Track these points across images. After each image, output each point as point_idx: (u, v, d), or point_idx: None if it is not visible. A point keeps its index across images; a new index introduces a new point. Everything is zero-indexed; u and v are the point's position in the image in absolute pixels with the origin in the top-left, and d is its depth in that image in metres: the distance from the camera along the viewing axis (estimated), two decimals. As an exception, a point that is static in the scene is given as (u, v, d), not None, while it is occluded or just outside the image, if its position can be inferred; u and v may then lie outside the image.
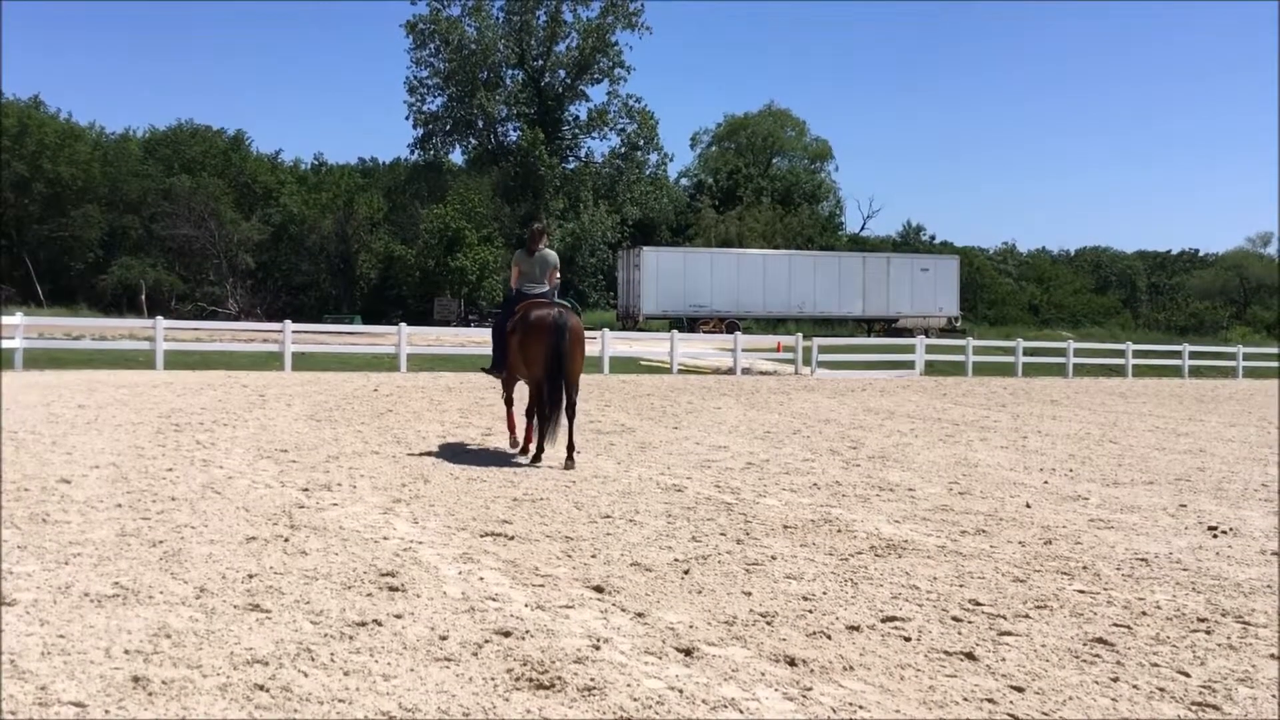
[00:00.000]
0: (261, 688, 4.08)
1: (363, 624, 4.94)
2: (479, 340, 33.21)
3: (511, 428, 12.01)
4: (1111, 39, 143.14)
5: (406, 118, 70.06)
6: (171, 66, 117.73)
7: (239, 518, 7.36)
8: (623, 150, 71.62)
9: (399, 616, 5.08)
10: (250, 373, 23.49)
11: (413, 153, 70.86)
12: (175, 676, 4.16)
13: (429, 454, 11.10)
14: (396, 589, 5.58)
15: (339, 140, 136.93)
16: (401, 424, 13.97)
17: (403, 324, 28.07)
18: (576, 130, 72.07)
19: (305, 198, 61.13)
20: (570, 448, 10.64)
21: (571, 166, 70.84)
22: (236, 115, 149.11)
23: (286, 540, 6.66)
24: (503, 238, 59.91)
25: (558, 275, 12.01)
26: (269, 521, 7.25)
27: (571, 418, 10.83)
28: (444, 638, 4.77)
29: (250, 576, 5.73)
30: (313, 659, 4.43)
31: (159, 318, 25.60)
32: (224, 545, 6.48)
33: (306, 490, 8.59)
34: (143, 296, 54.09)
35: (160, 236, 57.24)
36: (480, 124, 69.54)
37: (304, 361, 25.95)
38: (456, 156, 71.97)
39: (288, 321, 26.38)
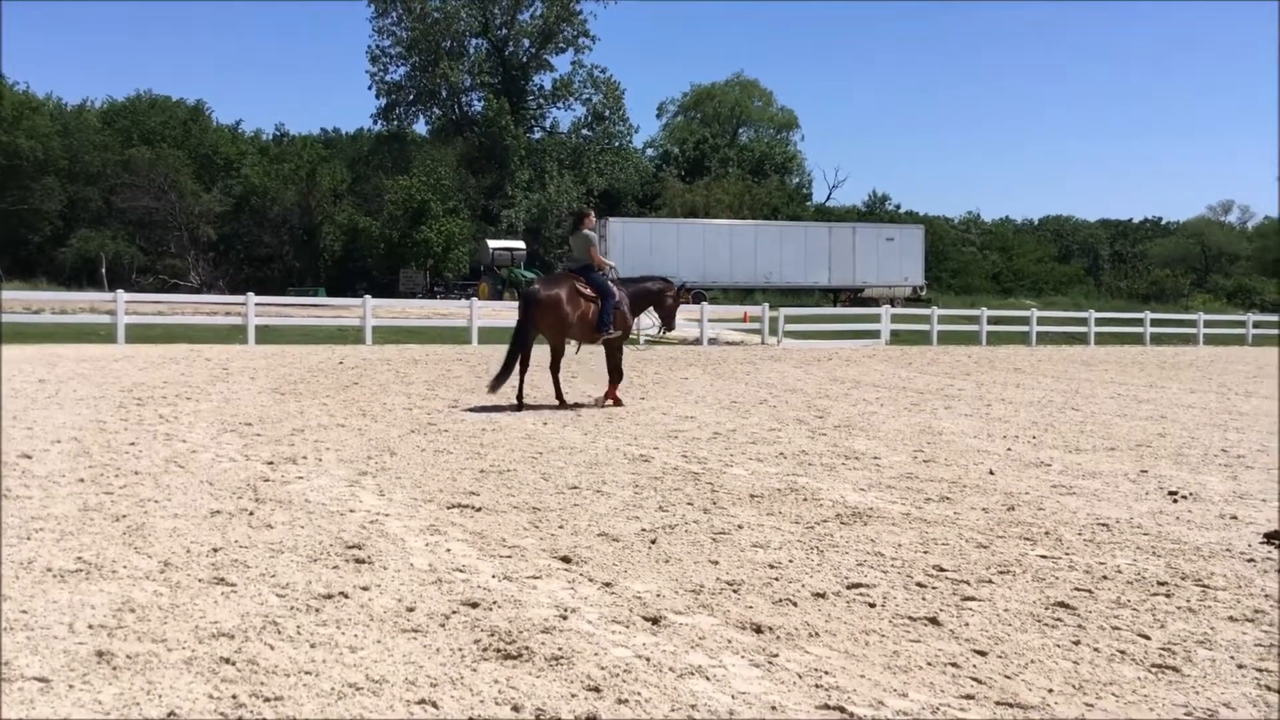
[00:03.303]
0: (227, 661, 4.06)
1: (329, 596, 4.93)
2: (445, 313, 33.13)
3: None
4: (1073, 11, 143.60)
5: (369, 87, 69.58)
6: (129, 36, 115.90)
7: (203, 491, 7.32)
8: (588, 120, 71.27)
9: (366, 589, 5.07)
10: (213, 346, 23.32)
11: (376, 123, 70.32)
12: (139, 651, 4.14)
13: (395, 426, 11.06)
14: (363, 561, 5.57)
15: (301, 110, 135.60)
16: (367, 397, 13.91)
17: (368, 296, 27.93)
18: (541, 100, 71.67)
19: (267, 169, 60.43)
20: (558, 397, 13.28)
21: (537, 137, 70.46)
22: (196, 85, 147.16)
23: (251, 514, 6.63)
24: (468, 209, 59.61)
25: (596, 251, 13.70)
26: (233, 495, 7.21)
27: (555, 370, 13.35)
28: (411, 609, 4.77)
29: (215, 550, 5.70)
30: (279, 632, 4.42)
31: (120, 291, 25.32)
32: (188, 519, 6.44)
33: (271, 464, 8.55)
34: (103, 269, 53.41)
35: (120, 209, 56.53)
36: (444, 94, 69.02)
37: (268, 335, 25.76)
38: (420, 127, 71.52)
39: (251, 294, 26.17)
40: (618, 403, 13.49)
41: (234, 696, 3.73)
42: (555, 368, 13.39)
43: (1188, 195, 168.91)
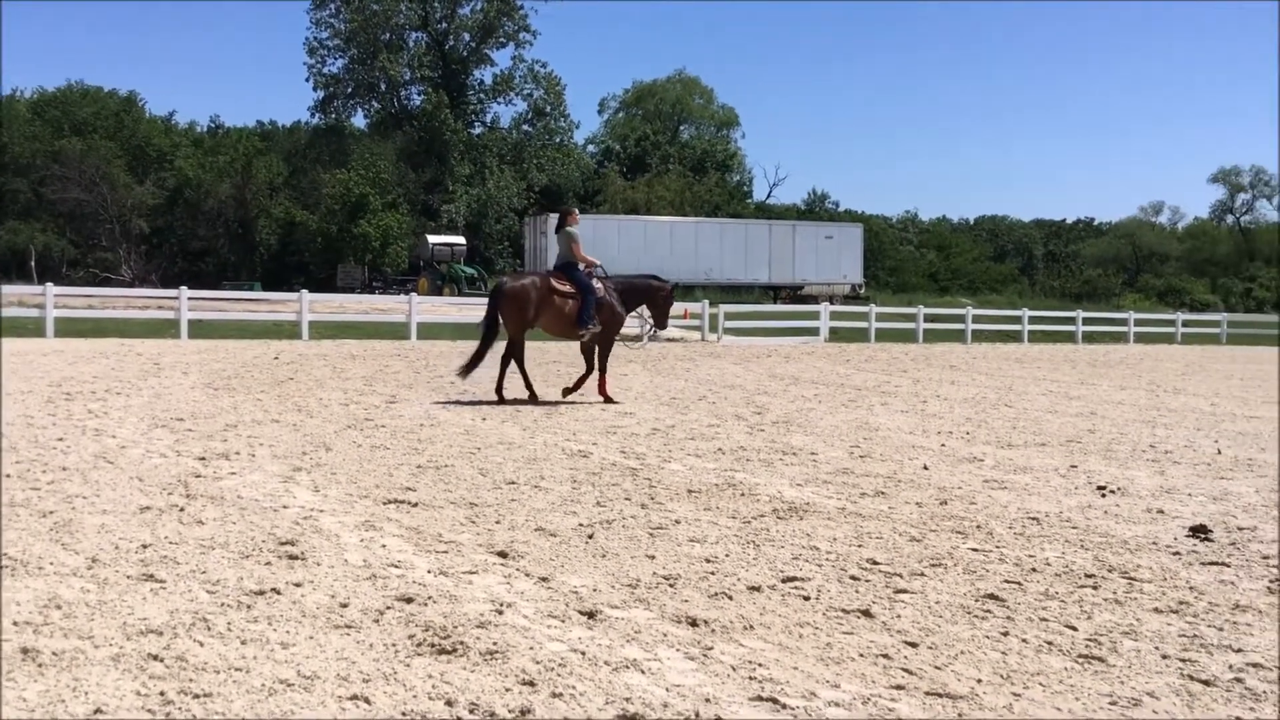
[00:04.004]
0: (155, 657, 4.00)
1: (261, 593, 4.87)
2: (383, 308, 32.88)
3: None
4: (1008, 14, 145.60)
5: (306, 80, 68.58)
6: (60, 25, 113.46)
7: (132, 487, 7.20)
8: (529, 116, 71.01)
9: (298, 585, 5.02)
10: (145, 341, 22.94)
11: (313, 116, 69.49)
12: (66, 648, 4.07)
13: (331, 422, 10.96)
14: (296, 557, 5.51)
15: (236, 102, 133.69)
16: (303, 392, 13.77)
17: (304, 291, 27.60)
18: (482, 95, 71.21)
19: (201, 161, 59.48)
20: (528, 390, 13.51)
21: (477, 132, 70.03)
22: (129, 76, 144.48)
23: (182, 510, 6.54)
24: (408, 204, 59.13)
25: (579, 249, 13.82)
26: (164, 491, 7.11)
27: (519, 363, 13.54)
28: (345, 605, 4.73)
29: (144, 547, 5.61)
30: (209, 628, 4.37)
31: (49, 284, 24.81)
32: (117, 515, 6.34)
33: (203, 459, 8.44)
34: (32, 262, 52.27)
35: (50, 200, 55.36)
36: (383, 87, 68.35)
37: (201, 329, 25.39)
38: (359, 120, 70.79)
39: (184, 288, 25.79)
40: (609, 399, 13.71)
41: (162, 693, 3.68)
42: (514, 360, 13.56)
43: (1120, 196, 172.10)
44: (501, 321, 13.48)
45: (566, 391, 13.95)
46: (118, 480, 7.43)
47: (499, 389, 13.38)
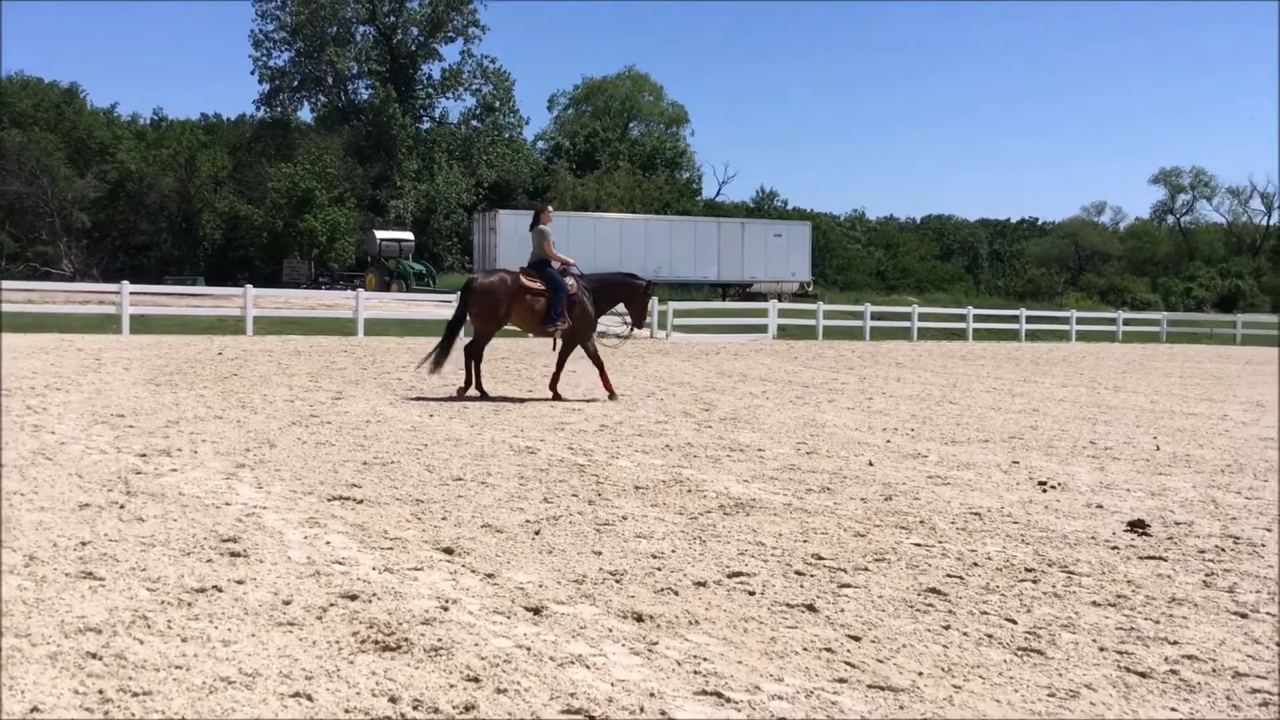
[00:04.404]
0: (94, 656, 3.95)
1: (202, 590, 4.82)
2: (330, 304, 32.56)
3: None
4: (954, 14, 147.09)
5: (252, 72, 67.72)
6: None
7: (71, 484, 7.08)
8: (478, 111, 70.67)
9: (240, 582, 4.97)
10: (85, 336, 22.56)
11: (259, 109, 68.61)
12: (2, 646, 4.00)
13: (275, 418, 10.85)
14: (238, 554, 5.46)
15: (180, 94, 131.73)
16: (247, 388, 13.61)
17: (249, 286, 27.27)
18: (430, 90, 70.73)
19: (144, 154, 58.46)
20: (478, 386, 13.48)
21: (426, 127, 69.59)
22: (70, 67, 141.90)
23: (122, 507, 6.45)
24: (355, 199, 58.59)
25: (550, 246, 13.82)
26: (104, 488, 7.00)
27: (476, 359, 13.53)
28: (287, 602, 4.69)
29: (83, 544, 5.53)
30: (149, 626, 4.31)
31: (-14, 278, 24.31)
32: (55, 512, 6.24)
33: (144, 456, 8.32)
34: (-31, 256, 51.25)
35: (-12, 193, 54.23)
36: (330, 81, 67.68)
37: (143, 324, 25.01)
38: (305, 114, 70.02)
39: (125, 283, 25.40)
40: (612, 394, 13.83)
41: (100, 691, 3.63)
42: (475, 352, 13.62)
43: (1063, 196, 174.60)
44: (470, 317, 13.56)
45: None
46: (56, 477, 7.31)
47: (477, 384, 13.49)
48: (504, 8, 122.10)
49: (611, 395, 13.80)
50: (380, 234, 50.44)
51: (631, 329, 15.16)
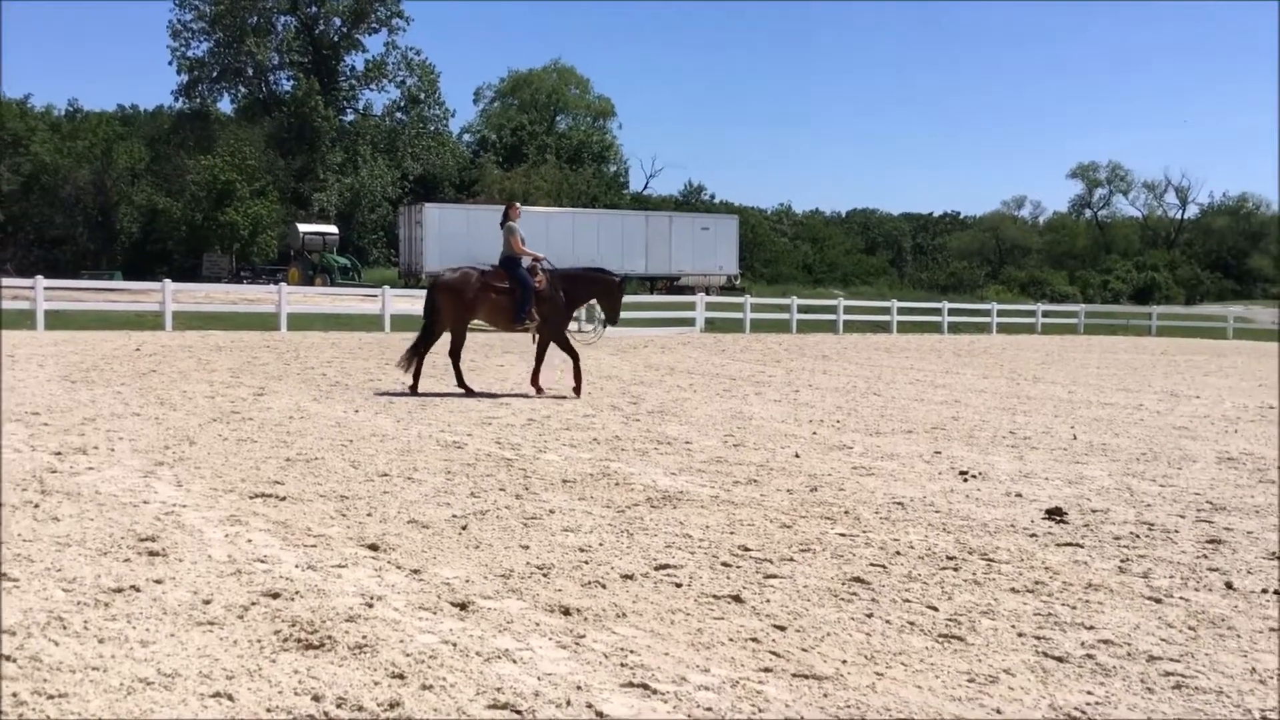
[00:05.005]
0: (8, 658, 3.85)
1: (119, 590, 4.72)
2: (252, 298, 32.06)
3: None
4: (879, 15, 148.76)
5: (170, 63, 66.43)
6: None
7: (-17, 484, 6.89)
8: (403, 103, 69.99)
9: (159, 581, 4.88)
10: (-2, 332, 21.95)
11: (177, 100, 67.35)
12: (-93, 653, 3.88)
13: (195, 415, 10.66)
14: (157, 554, 5.35)
15: (95, 85, 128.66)
16: (166, 384, 13.36)
17: (168, 280, 26.75)
18: (354, 82, 69.95)
19: (59, 146, 57.04)
20: (459, 383, 13.49)
21: (349, 119, 68.78)
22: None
23: (37, 506, 6.30)
24: (277, 192, 57.72)
25: (518, 242, 13.70)
26: (17, 487, 6.82)
27: (454, 356, 13.59)
28: (207, 601, 4.62)
29: (-6, 545, 5.38)
30: (64, 627, 4.22)
31: (-109, 273, 23.55)
32: (-35, 514, 6.06)
33: (59, 454, 8.12)
34: (-126, 251, 49.62)
35: (-106, 186, 52.56)
36: (250, 72, 66.64)
37: (58, 320, 24.42)
38: (225, 105, 68.86)
39: (39, 277, 24.76)
40: (578, 391, 13.65)
41: (14, 694, 3.55)
42: (453, 353, 13.65)
43: (984, 191, 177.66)
44: (438, 314, 13.57)
45: (534, 384, 13.84)
46: (-34, 477, 7.11)
47: (459, 381, 13.50)
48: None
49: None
50: (303, 227, 49.78)
51: (605, 324, 14.99)
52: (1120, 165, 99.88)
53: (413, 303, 32.86)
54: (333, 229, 51.08)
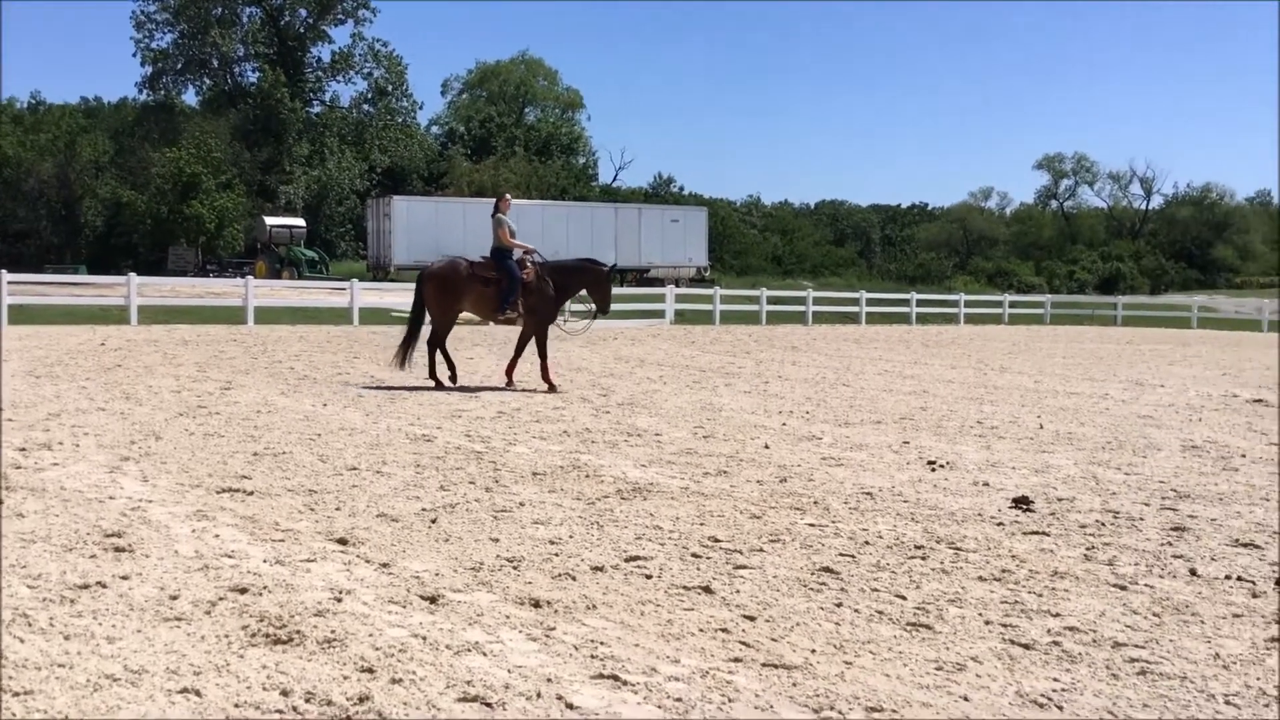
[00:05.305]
0: (-30, 658, 3.81)
1: (85, 587, 4.68)
2: (218, 292, 31.82)
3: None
4: (847, 8, 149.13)
5: (134, 55, 65.71)
6: None
7: (-55, 481, 6.81)
8: (370, 95, 69.55)
9: (125, 578, 4.84)
10: (-40, 327, 21.68)
11: (141, 92, 66.62)
12: None
13: (161, 410, 10.57)
14: (123, 550, 5.31)
15: (58, 78, 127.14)
16: (131, 379, 13.24)
17: (133, 274, 26.49)
18: (320, 73, 69.43)
19: (21, 139, 56.35)
20: (449, 372, 13.49)
21: (316, 111, 68.27)
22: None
23: (1, 503, 6.22)
24: (244, 184, 57.26)
25: (506, 234, 13.81)
26: (-20, 484, 6.75)
27: (434, 346, 13.49)
28: (174, 597, 4.59)
29: (-43, 543, 5.33)
30: (29, 624, 4.18)
31: None
32: (-73, 511, 5.99)
33: (24, 450, 8.04)
34: None
35: None
36: (215, 63, 66.03)
37: (23, 315, 24.14)
38: (190, 97, 68.17)
39: (3, 272, 24.44)
40: (551, 388, 13.39)
41: (-24, 695, 3.51)
42: (436, 342, 13.61)
43: (951, 182, 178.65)
44: (426, 306, 13.62)
45: (509, 375, 13.80)
46: (-73, 474, 7.03)
47: (445, 371, 13.49)
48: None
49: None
50: (270, 220, 49.39)
51: (595, 315, 14.78)
52: (1086, 156, 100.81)
53: (380, 296, 32.77)
54: (300, 222, 50.69)
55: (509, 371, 13.77)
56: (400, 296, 33.55)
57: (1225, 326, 44.44)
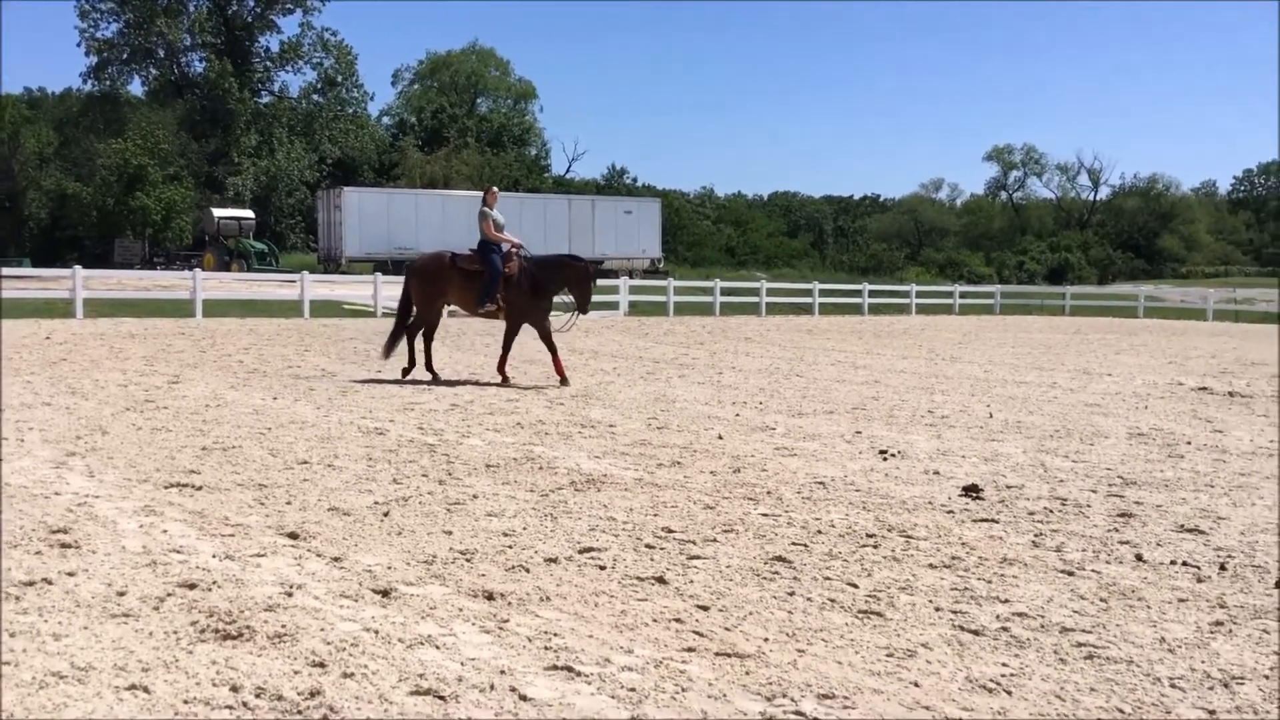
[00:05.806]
0: (-90, 658, 3.74)
1: (31, 583, 4.61)
2: (165, 284, 31.41)
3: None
4: (796, 9, 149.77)
5: (78, 44, 64.68)
6: None
7: (-116, 478, 6.68)
8: (319, 85, 68.89)
9: (72, 574, 4.77)
10: (-101, 321, 21.25)
11: (86, 82, 65.59)
12: None
13: (108, 404, 10.42)
14: (69, 546, 5.23)
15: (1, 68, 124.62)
16: (77, 373, 13.04)
17: (78, 267, 26.10)
18: (269, 63, 68.68)
19: (-38, 130, 55.42)
20: (428, 365, 13.62)
21: (265, 101, 67.53)
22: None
23: (-59, 500, 6.12)
24: (191, 176, 56.54)
25: (490, 227, 13.65)
26: (-80, 481, 6.62)
27: (426, 340, 13.73)
28: (122, 593, 4.53)
29: (-103, 541, 5.22)
30: (-29, 624, 4.11)
31: None
32: None
33: (-35, 446, 7.90)
34: None
35: None
36: (161, 53, 65.13)
37: (-36, 308, 23.70)
38: (136, 88, 67.20)
39: (-57, 265, 24.00)
40: (505, 380, 13.48)
41: (-83, 695, 3.44)
42: (426, 336, 13.81)
43: (903, 173, 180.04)
44: (412, 299, 13.72)
45: (503, 376, 13.64)
46: None
47: (428, 364, 13.63)
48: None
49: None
50: (218, 212, 48.84)
51: (575, 313, 14.47)
52: (1035, 148, 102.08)
53: (331, 288, 32.51)
54: (249, 214, 50.17)
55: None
56: (352, 289, 33.33)
57: (1171, 316, 45.16)
